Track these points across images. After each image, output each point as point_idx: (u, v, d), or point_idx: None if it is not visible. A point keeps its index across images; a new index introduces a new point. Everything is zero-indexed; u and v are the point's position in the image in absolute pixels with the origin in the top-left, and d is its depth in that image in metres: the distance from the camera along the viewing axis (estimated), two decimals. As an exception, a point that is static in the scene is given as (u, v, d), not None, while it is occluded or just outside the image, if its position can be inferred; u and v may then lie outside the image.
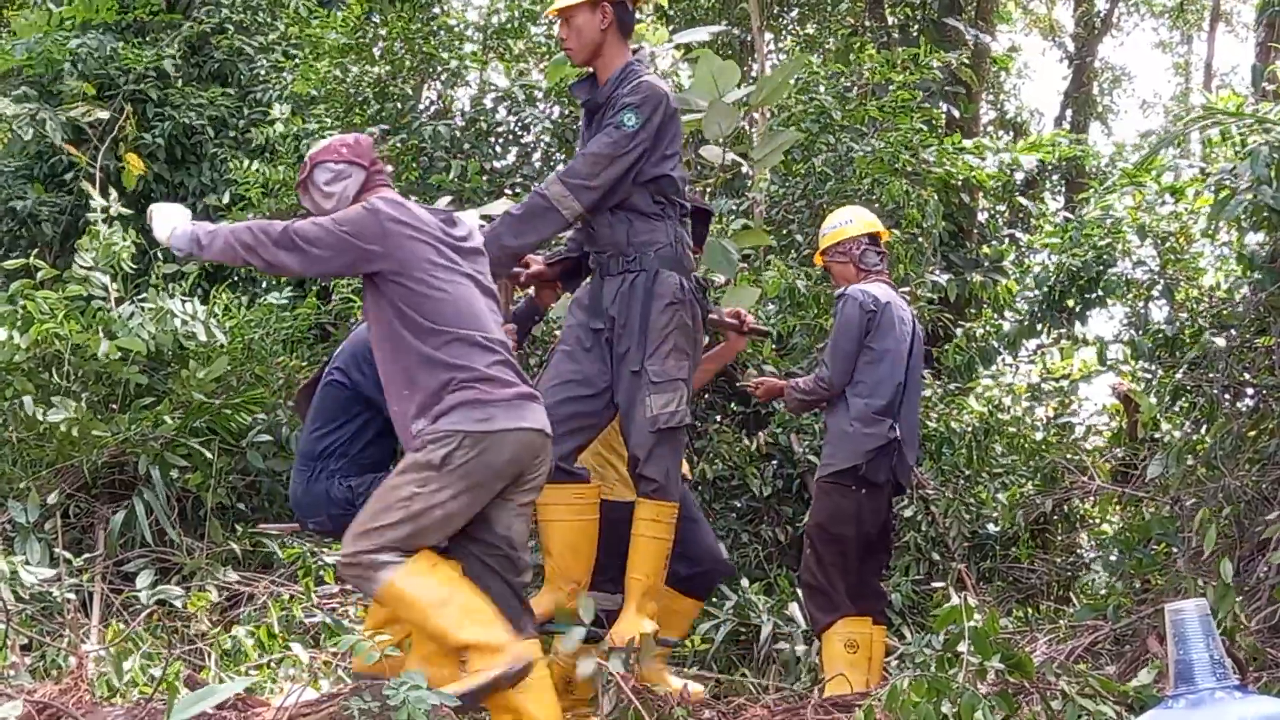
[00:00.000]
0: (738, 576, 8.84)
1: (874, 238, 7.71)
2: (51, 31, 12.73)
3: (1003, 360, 12.02)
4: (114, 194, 9.55)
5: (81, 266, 8.96)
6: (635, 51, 6.30)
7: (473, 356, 5.27)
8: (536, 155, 11.59)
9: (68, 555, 7.89)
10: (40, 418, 8.31)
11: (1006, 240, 13.44)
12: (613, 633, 5.89)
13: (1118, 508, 9.39)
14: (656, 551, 6.02)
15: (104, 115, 11.98)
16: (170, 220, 5.54)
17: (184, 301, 9.18)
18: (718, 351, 7.36)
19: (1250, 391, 8.36)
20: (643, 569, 6.01)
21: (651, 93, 6.03)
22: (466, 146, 11.53)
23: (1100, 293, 10.22)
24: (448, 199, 9.01)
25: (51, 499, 8.34)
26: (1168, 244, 9.84)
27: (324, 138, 11.50)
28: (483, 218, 6.22)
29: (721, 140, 7.83)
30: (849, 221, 7.73)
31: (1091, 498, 10.35)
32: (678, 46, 9.60)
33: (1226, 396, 8.24)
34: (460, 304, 5.35)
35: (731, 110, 7.71)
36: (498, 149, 11.80)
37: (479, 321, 5.36)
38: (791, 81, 9.54)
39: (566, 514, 6.11)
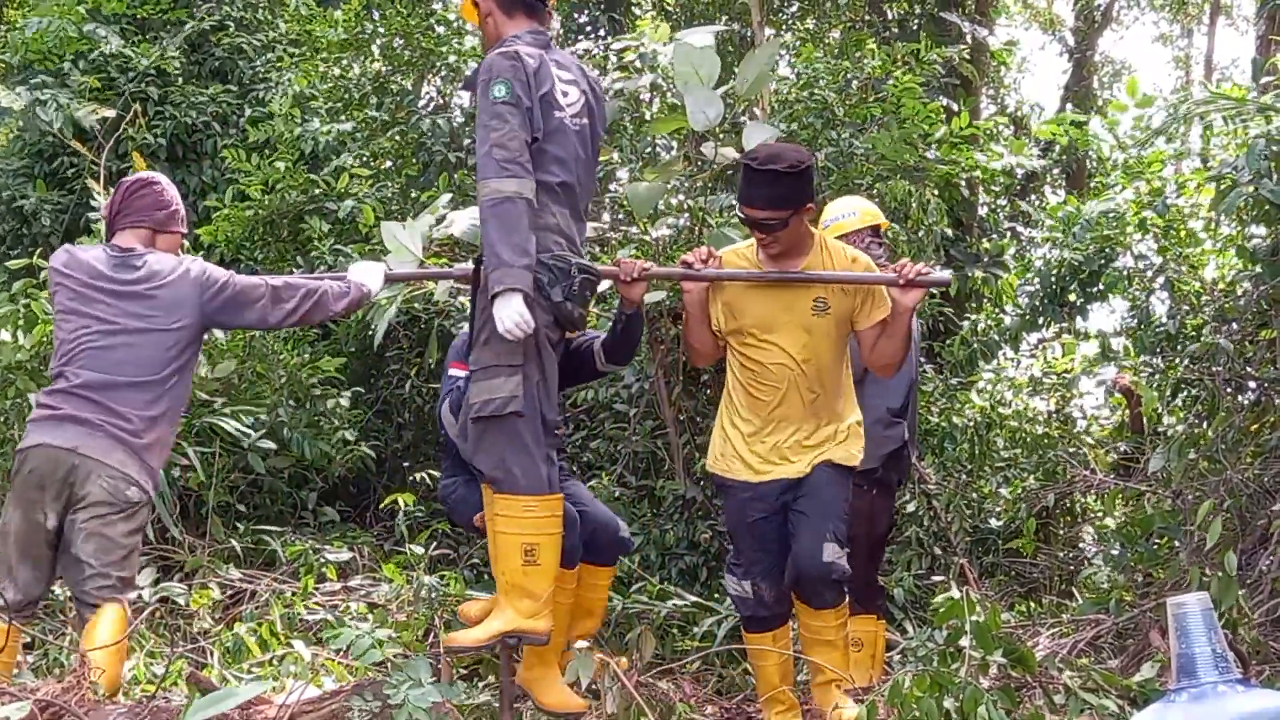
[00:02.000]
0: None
1: (876, 230, 7.68)
2: (64, 15, 12.73)
3: (1004, 355, 12.01)
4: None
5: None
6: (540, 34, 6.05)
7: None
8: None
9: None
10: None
11: (1007, 235, 13.44)
12: (468, 630, 5.79)
13: (1121, 502, 9.38)
14: (507, 546, 5.75)
15: (110, 114, 11.98)
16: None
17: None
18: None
19: (1252, 385, 8.37)
20: (499, 565, 5.82)
21: (491, 63, 5.85)
22: (466, 141, 11.53)
23: (1101, 287, 10.23)
24: (447, 197, 9.01)
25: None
26: (1168, 237, 9.84)
27: (327, 134, 11.56)
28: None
29: (714, 131, 7.82)
30: (852, 214, 7.68)
31: (1093, 491, 10.35)
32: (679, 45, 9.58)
33: (1228, 390, 8.24)
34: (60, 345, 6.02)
35: (714, 96, 7.69)
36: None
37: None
38: (773, 70, 9.48)
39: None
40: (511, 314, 5.48)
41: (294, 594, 8.03)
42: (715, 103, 7.71)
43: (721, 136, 7.88)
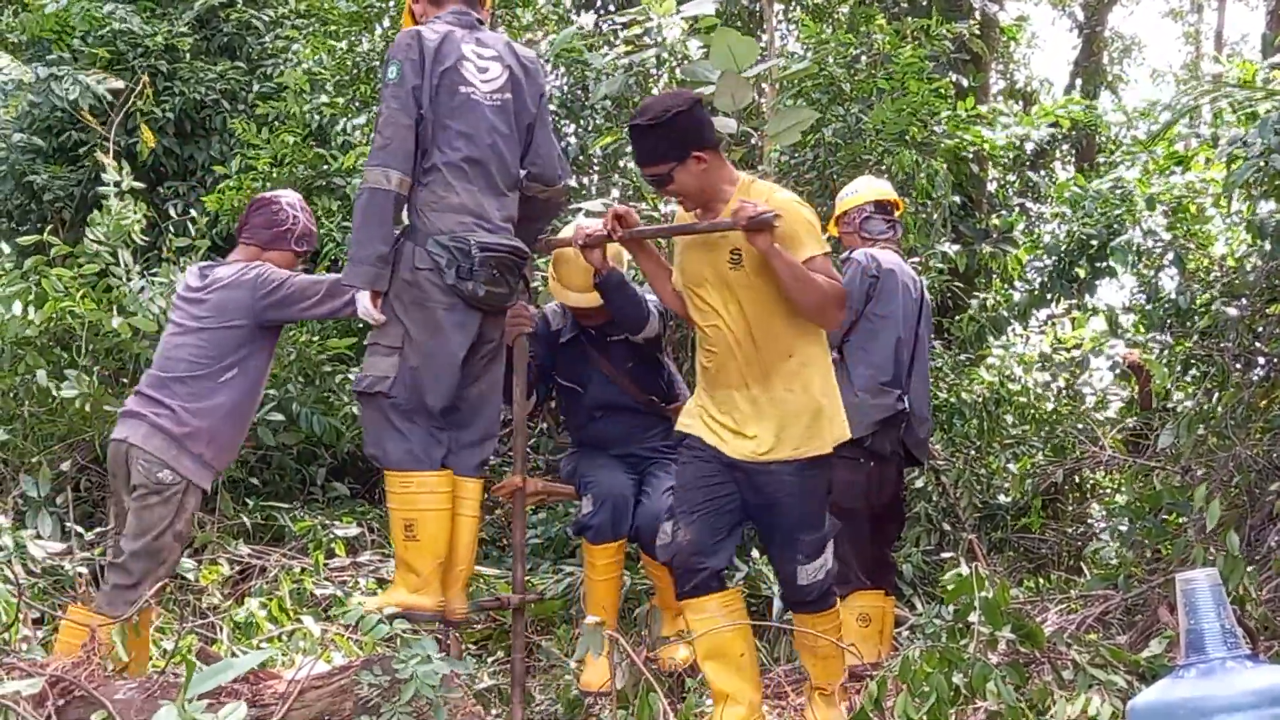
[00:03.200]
0: (747, 548, 8.84)
1: (881, 205, 7.65)
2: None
3: (1013, 330, 12.00)
4: (126, 168, 9.55)
5: (93, 241, 8.96)
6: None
7: None
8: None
9: (79, 529, 7.91)
10: (53, 392, 8.33)
11: (1016, 210, 13.41)
12: (368, 602, 5.77)
13: (1129, 478, 9.38)
14: (391, 521, 5.91)
15: (119, 85, 11.97)
16: None
17: (195, 275, 9.20)
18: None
19: (1261, 360, 8.37)
20: (394, 540, 5.97)
21: (394, 42, 6.06)
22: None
23: (1110, 262, 10.21)
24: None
25: (64, 468, 8.38)
26: (1178, 213, 9.82)
27: (334, 109, 11.54)
28: None
29: (734, 112, 7.81)
30: (854, 191, 7.71)
31: (1102, 467, 10.35)
32: (685, 19, 9.56)
33: (1237, 365, 8.24)
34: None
35: (746, 84, 7.69)
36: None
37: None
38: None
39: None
40: (361, 308, 5.81)
41: (303, 570, 8.05)
42: (746, 90, 7.71)
43: (737, 113, 7.86)
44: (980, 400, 10.47)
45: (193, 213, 10.57)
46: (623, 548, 6.76)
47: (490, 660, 7.76)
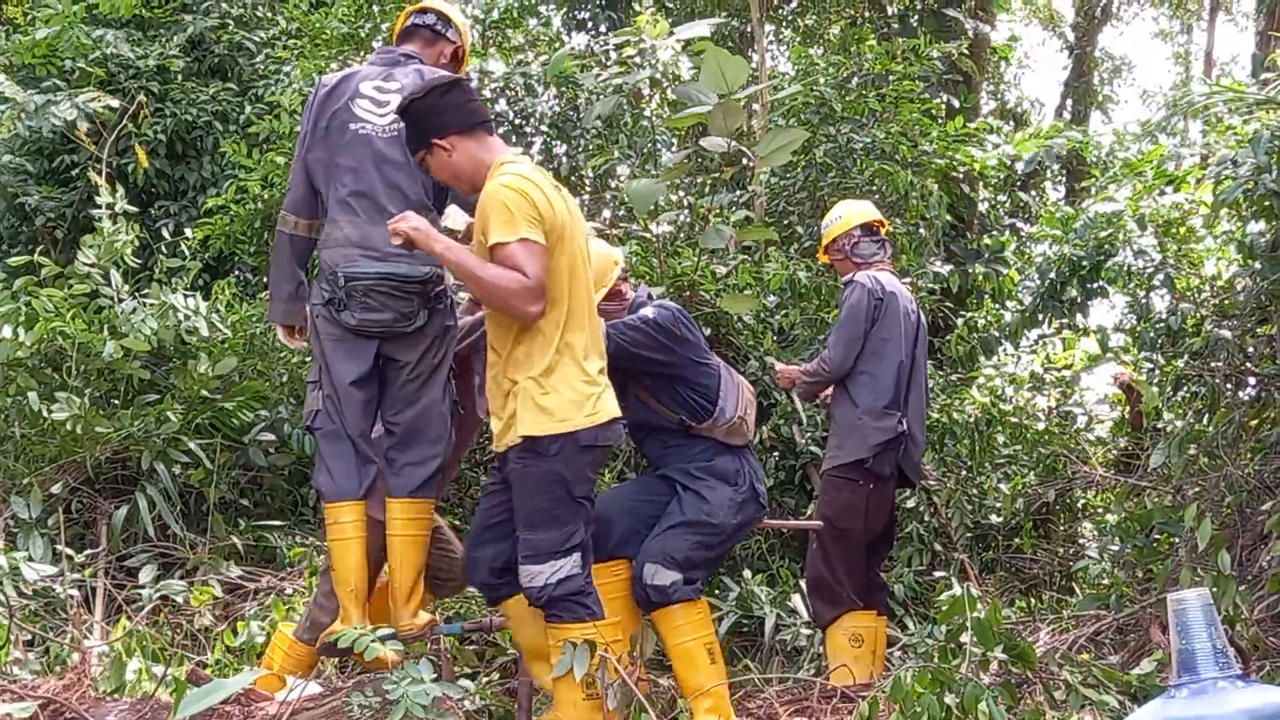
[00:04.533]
0: (739, 567, 8.85)
1: (867, 227, 7.69)
2: (74, 22, 12.74)
3: (1004, 350, 12.02)
4: (119, 189, 9.54)
5: (84, 264, 8.96)
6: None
7: None
8: (536, 146, 11.57)
9: (70, 551, 7.89)
10: (44, 414, 8.32)
11: (1007, 231, 13.44)
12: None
13: (1121, 498, 9.38)
14: (335, 552, 5.93)
15: (115, 104, 11.98)
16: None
17: (186, 296, 9.19)
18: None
19: (1252, 380, 8.38)
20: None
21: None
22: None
23: (1101, 283, 10.23)
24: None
25: (55, 489, 8.36)
26: (1169, 233, 9.84)
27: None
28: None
29: (727, 135, 7.82)
30: (838, 218, 7.76)
31: (1094, 487, 10.36)
32: (679, 41, 9.58)
33: (1228, 386, 8.25)
34: None
35: (739, 108, 7.70)
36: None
37: None
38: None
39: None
40: (282, 339, 6.34)
41: (295, 591, 8.03)
42: (737, 113, 7.72)
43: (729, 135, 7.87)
44: (972, 420, 10.48)
45: (186, 233, 10.56)
46: (612, 569, 6.66)
47: (484, 680, 7.75)
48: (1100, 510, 10.85)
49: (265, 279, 10.87)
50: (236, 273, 12.10)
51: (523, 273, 5.20)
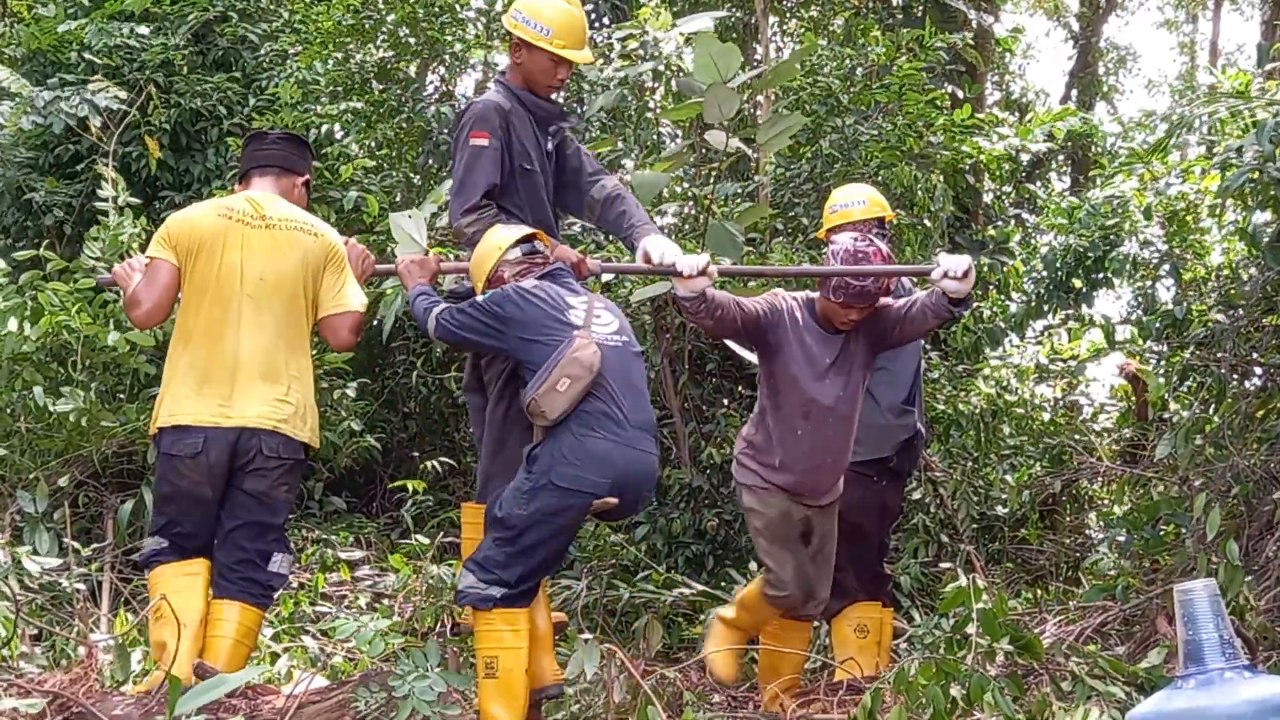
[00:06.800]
0: (745, 560, 8.84)
1: (881, 221, 7.63)
2: (102, 17, 12.72)
3: (1010, 341, 12.01)
4: (122, 183, 9.53)
5: (89, 257, 8.96)
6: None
7: None
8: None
9: (76, 545, 7.90)
10: (50, 408, 8.32)
11: (1013, 221, 13.43)
12: None
13: (1128, 489, 9.38)
14: None
15: (123, 95, 11.96)
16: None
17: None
18: None
19: (1258, 370, 8.37)
20: None
21: None
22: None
23: (1106, 273, 10.21)
24: (449, 182, 9.00)
25: (61, 484, 8.36)
26: (1174, 223, 9.82)
27: (328, 117, 11.53)
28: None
29: (724, 124, 7.81)
30: (861, 203, 7.57)
31: (1100, 478, 10.35)
32: (682, 33, 9.57)
33: (1234, 376, 8.24)
34: None
35: (732, 93, 7.68)
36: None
37: None
38: (799, 65, 9.54)
39: None
40: None
41: (301, 585, 8.04)
42: (733, 100, 7.71)
43: (727, 124, 7.86)
44: (977, 412, 10.47)
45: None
46: None
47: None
48: (1106, 501, 10.83)
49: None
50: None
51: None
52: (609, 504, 5.81)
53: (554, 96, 6.74)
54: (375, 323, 8.80)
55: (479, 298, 6.11)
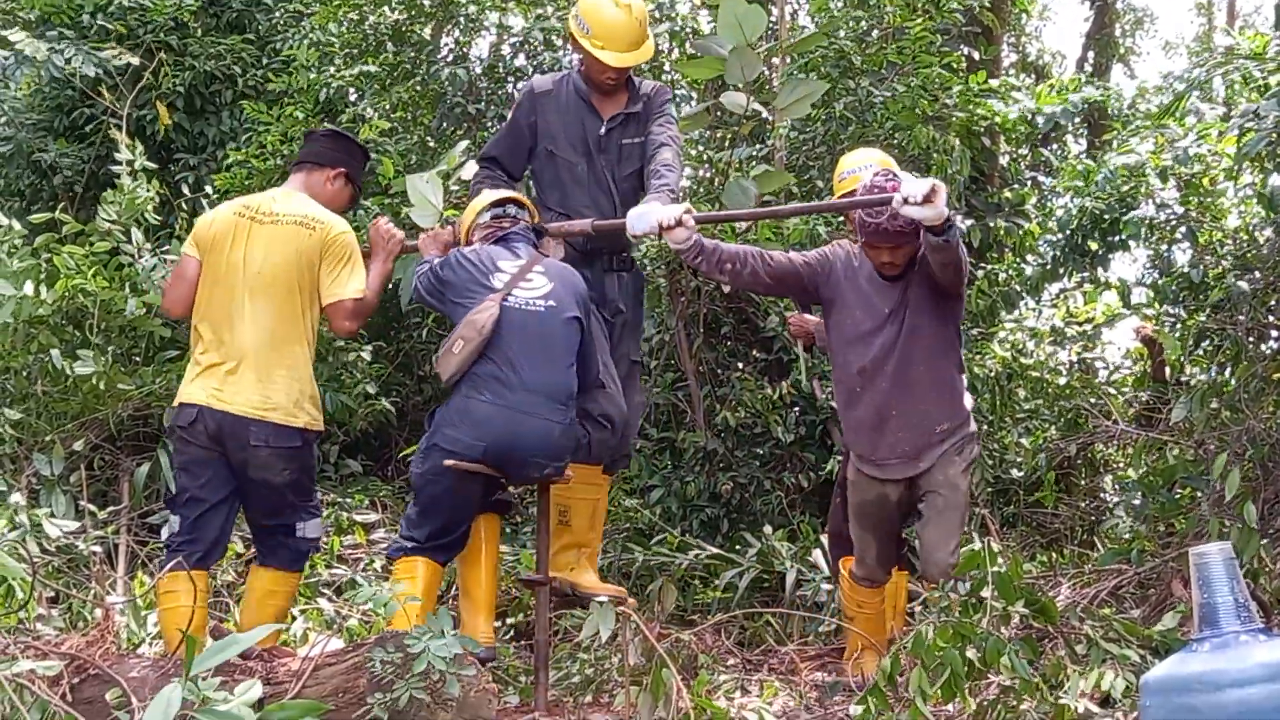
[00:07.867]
0: (760, 523, 8.85)
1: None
2: None
3: (1025, 304, 11.97)
4: (138, 146, 9.51)
5: (105, 220, 8.94)
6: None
7: None
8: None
9: (93, 508, 7.92)
10: (67, 371, 8.33)
11: (1029, 184, 13.37)
12: None
13: (1144, 452, 9.35)
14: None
15: (134, 60, 11.94)
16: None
17: (207, 253, 9.18)
18: None
19: (1275, 334, 8.34)
20: None
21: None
22: (485, 91, 11.49)
23: (1122, 236, 10.17)
24: (463, 145, 8.98)
25: (78, 447, 8.37)
26: (1190, 186, 9.77)
27: (341, 78, 11.49)
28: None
29: (744, 86, 7.78)
30: (869, 167, 7.54)
31: (1115, 441, 10.32)
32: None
33: (1251, 339, 8.21)
34: None
35: (756, 56, 7.65)
36: (515, 94, 11.69)
37: None
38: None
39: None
40: None
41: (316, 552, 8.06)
42: (755, 63, 7.69)
43: (747, 87, 7.82)
44: (993, 375, 10.45)
45: (206, 188, 10.50)
46: None
47: (507, 634, 7.78)
48: (1122, 465, 10.81)
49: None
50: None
51: None
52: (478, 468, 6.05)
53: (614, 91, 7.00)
54: (391, 286, 8.79)
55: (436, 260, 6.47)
